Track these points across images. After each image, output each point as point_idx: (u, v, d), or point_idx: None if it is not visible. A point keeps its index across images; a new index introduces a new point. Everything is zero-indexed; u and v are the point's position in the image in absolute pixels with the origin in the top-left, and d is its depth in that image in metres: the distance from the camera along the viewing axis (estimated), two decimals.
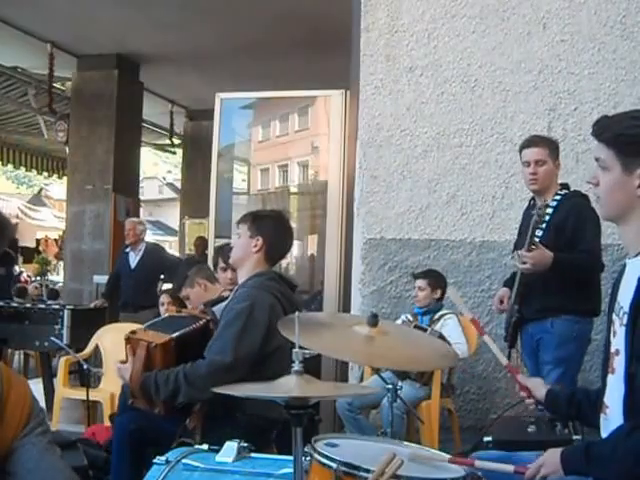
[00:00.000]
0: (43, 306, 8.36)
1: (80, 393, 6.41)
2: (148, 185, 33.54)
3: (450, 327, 5.51)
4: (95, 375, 6.67)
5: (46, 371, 7.89)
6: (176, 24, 9.87)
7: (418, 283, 5.70)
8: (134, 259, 9.01)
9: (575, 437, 2.79)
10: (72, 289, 11.42)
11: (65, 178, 13.90)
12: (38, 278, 15.49)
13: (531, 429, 3.00)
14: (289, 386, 2.17)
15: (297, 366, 2.21)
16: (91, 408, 6.16)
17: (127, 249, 9.12)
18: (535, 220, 4.41)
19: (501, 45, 5.87)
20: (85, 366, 6.02)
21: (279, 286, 3.97)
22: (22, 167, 15.97)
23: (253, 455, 2.99)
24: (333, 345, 2.71)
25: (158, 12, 9.52)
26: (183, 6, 9.25)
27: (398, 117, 5.99)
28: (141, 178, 14.89)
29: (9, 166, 16.15)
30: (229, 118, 7.72)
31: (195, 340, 3.85)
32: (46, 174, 16.88)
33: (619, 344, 2.35)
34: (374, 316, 2.64)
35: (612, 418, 2.38)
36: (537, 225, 4.44)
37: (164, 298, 6.30)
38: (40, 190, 26.36)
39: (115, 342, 6.73)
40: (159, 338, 3.81)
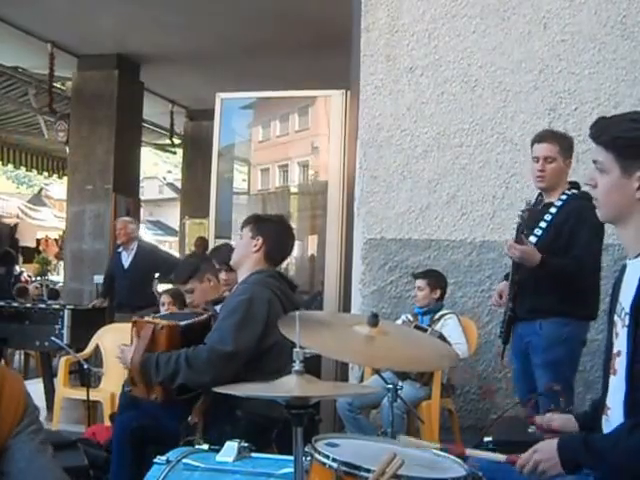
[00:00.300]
0: (43, 306, 8.36)
1: (80, 393, 6.41)
2: (148, 185, 33.54)
3: (450, 327, 5.50)
4: (95, 375, 6.67)
5: (46, 371, 7.89)
6: (176, 24, 9.87)
7: (418, 283, 5.70)
8: (127, 259, 8.90)
9: None
10: (72, 289, 11.42)
11: (65, 178, 13.90)
12: (38, 278, 15.49)
13: (531, 429, 3.00)
14: (290, 386, 2.17)
15: (298, 366, 2.20)
16: (91, 408, 6.16)
17: (119, 249, 9.01)
18: (518, 222, 4.37)
19: (501, 45, 5.87)
20: (85, 366, 6.02)
21: (279, 284, 4.00)
22: (22, 167, 15.97)
23: (253, 455, 3.00)
24: (333, 345, 2.71)
25: (158, 12, 9.52)
26: (183, 6, 9.25)
27: (398, 117, 5.99)
28: (141, 178, 14.89)
29: (9, 166, 16.14)
30: (229, 118, 7.72)
31: (198, 333, 3.90)
32: (46, 174, 16.88)
33: (621, 345, 2.34)
34: (374, 316, 2.64)
35: (613, 419, 2.37)
36: (520, 228, 4.37)
37: (165, 298, 6.29)
38: (40, 190, 26.34)
39: (115, 342, 6.71)
40: (165, 322, 3.90)
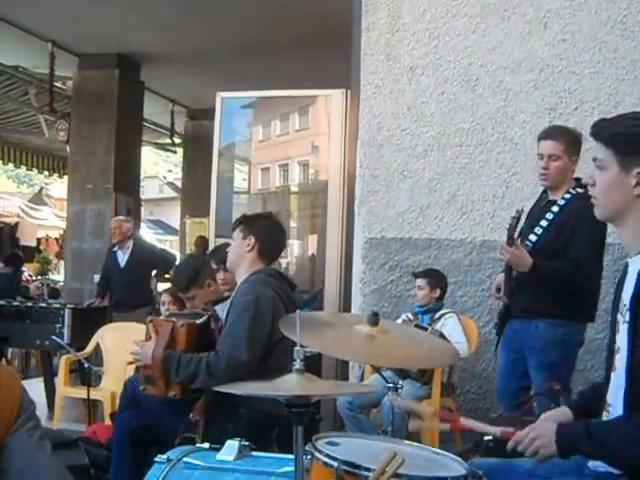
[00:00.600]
0: (44, 305, 8.35)
1: (81, 392, 6.42)
2: (149, 184, 33.49)
3: (450, 326, 5.51)
4: (96, 374, 6.67)
5: (47, 370, 7.90)
6: (177, 23, 9.87)
7: (418, 282, 5.71)
8: (123, 258, 8.86)
9: None
10: (73, 288, 11.41)
11: (66, 177, 13.89)
12: (39, 277, 15.48)
13: None
14: (290, 384, 2.17)
15: (298, 364, 2.21)
16: (92, 407, 6.17)
17: (114, 248, 8.98)
18: (510, 224, 4.29)
19: (502, 44, 5.87)
20: (86, 365, 6.02)
21: (279, 283, 4.03)
22: (23, 166, 15.95)
23: (254, 454, 3.01)
24: (334, 344, 2.71)
25: (159, 11, 9.52)
26: (184, 5, 9.25)
27: (399, 116, 5.99)
28: (142, 177, 14.87)
29: (10, 165, 16.11)
30: (230, 117, 7.72)
31: (202, 334, 3.95)
32: (47, 173, 16.86)
33: (621, 341, 2.35)
34: (375, 315, 2.64)
35: (614, 416, 2.37)
36: (511, 231, 4.28)
37: (165, 297, 6.30)
38: (41, 189, 26.35)
39: (116, 341, 6.76)
40: (183, 321, 3.96)
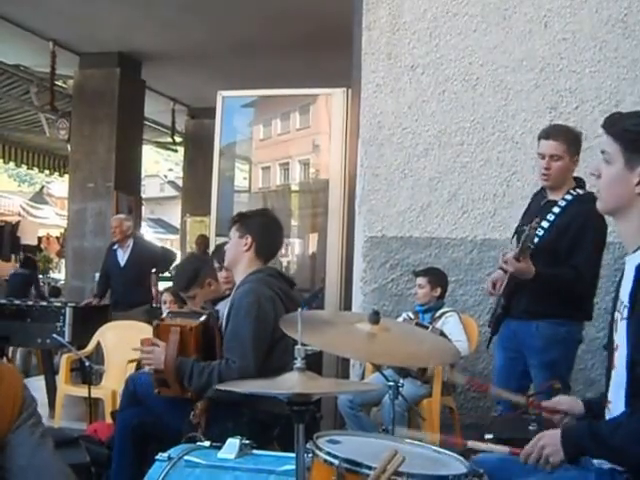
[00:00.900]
0: (45, 304, 8.36)
1: (82, 390, 6.44)
2: (149, 183, 33.46)
3: (451, 325, 5.51)
4: (97, 372, 6.68)
5: (48, 368, 7.90)
6: (178, 22, 9.87)
7: (418, 281, 5.71)
8: (123, 256, 8.86)
9: None
10: (74, 287, 11.42)
11: (67, 176, 13.90)
12: (40, 276, 15.48)
13: (532, 427, 3.01)
14: (291, 382, 2.18)
15: (299, 363, 2.21)
16: (93, 405, 6.17)
17: (114, 246, 8.97)
18: (527, 235, 4.20)
19: (502, 43, 5.87)
20: (87, 363, 6.04)
21: (278, 283, 4.03)
22: (24, 165, 15.94)
23: (255, 452, 3.01)
24: (335, 342, 2.72)
25: (160, 10, 9.53)
26: (185, 4, 9.25)
27: (399, 115, 5.99)
28: (143, 176, 14.88)
29: (11, 164, 16.11)
30: (230, 116, 7.72)
31: (207, 334, 3.95)
32: (48, 172, 16.85)
33: (620, 339, 2.36)
34: (376, 313, 2.65)
35: (615, 413, 2.38)
36: (527, 240, 4.22)
37: (166, 296, 6.30)
38: (42, 188, 26.37)
39: (117, 339, 6.77)
40: (188, 322, 3.93)
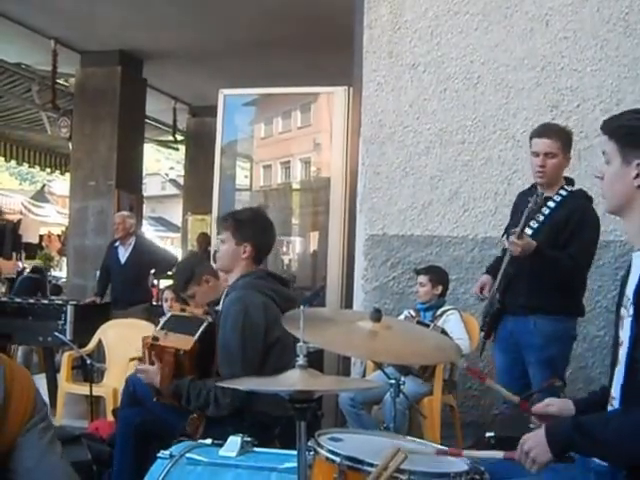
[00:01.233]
0: (46, 301, 8.36)
1: (83, 388, 6.45)
2: (151, 181, 33.44)
3: (452, 323, 5.51)
4: (98, 370, 6.69)
5: (49, 366, 7.90)
6: (179, 21, 9.87)
7: (420, 279, 5.71)
8: (124, 254, 8.83)
9: None
10: (75, 285, 11.42)
11: (68, 174, 13.89)
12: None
13: (533, 425, 3.01)
14: (293, 380, 2.18)
15: (301, 360, 2.21)
16: (94, 403, 6.19)
17: (116, 243, 8.94)
18: (531, 207, 4.31)
19: (504, 42, 5.87)
20: (88, 361, 6.05)
21: (268, 284, 3.97)
22: (25, 163, 15.93)
23: (256, 449, 3.01)
24: (336, 340, 2.72)
25: (161, 9, 9.52)
26: (186, 2, 9.25)
27: (401, 114, 6.00)
28: (144, 174, 14.86)
29: (12, 162, 16.10)
30: (232, 115, 7.73)
31: (206, 341, 3.90)
32: (49, 170, 16.83)
33: (624, 335, 2.36)
34: (377, 311, 2.65)
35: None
36: (532, 214, 4.37)
37: (168, 294, 6.31)
38: (43, 186, 26.36)
39: (118, 337, 6.78)
40: (184, 343, 3.88)
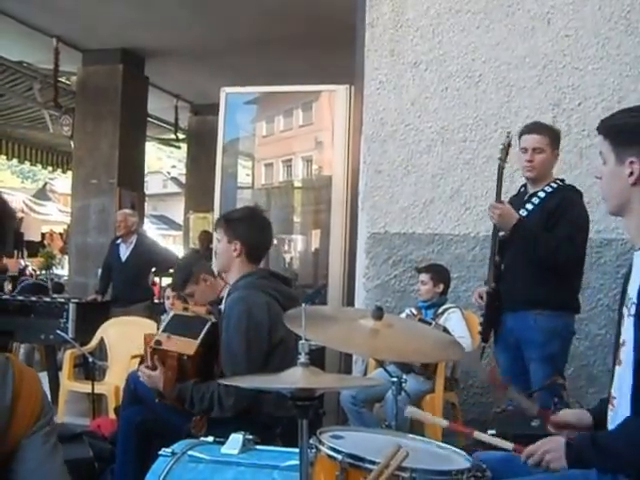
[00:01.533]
0: (48, 299, 8.37)
1: (85, 386, 6.46)
2: (152, 180, 33.42)
3: (454, 321, 5.52)
4: (100, 368, 6.70)
5: (51, 364, 7.91)
6: (181, 19, 9.88)
7: (421, 277, 5.71)
8: (125, 251, 8.81)
9: None
10: (77, 283, 11.43)
11: (70, 172, 13.90)
12: (43, 272, 15.50)
13: (535, 423, 3.02)
14: (295, 377, 2.18)
15: (303, 358, 2.21)
16: (96, 401, 6.20)
17: (118, 241, 8.92)
18: (500, 159, 4.57)
19: (505, 40, 5.88)
20: (90, 359, 6.05)
21: (271, 283, 3.96)
22: (27, 161, 15.94)
23: (258, 447, 3.02)
24: (338, 338, 2.73)
25: (163, 7, 9.53)
26: (188, 1, 9.25)
27: (402, 112, 6.00)
28: (145, 172, 14.87)
29: (14, 160, 16.13)
30: (234, 113, 7.73)
31: (210, 341, 3.89)
32: (51, 168, 16.86)
33: (626, 335, 2.36)
34: (379, 309, 2.66)
35: (620, 410, 2.38)
36: (501, 170, 4.57)
37: (169, 292, 6.31)
38: (45, 184, 26.34)
39: (120, 335, 6.79)
40: (187, 347, 3.86)
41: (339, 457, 2.26)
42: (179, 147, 18.34)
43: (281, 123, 9.13)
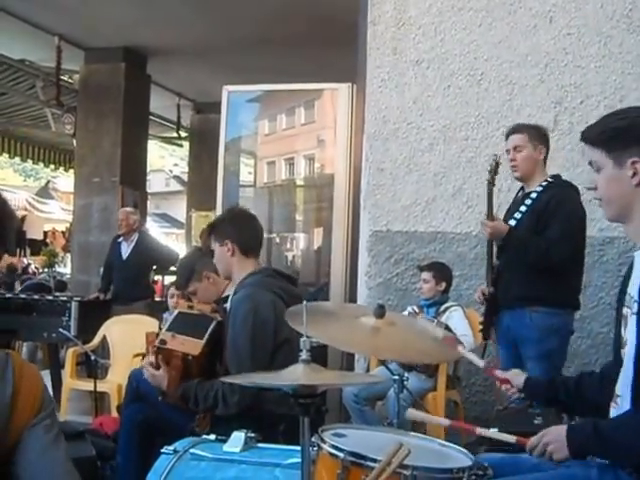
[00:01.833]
0: (51, 298, 8.37)
1: (87, 384, 6.45)
2: (155, 178, 33.42)
3: (456, 319, 5.51)
4: (102, 366, 6.70)
5: (54, 362, 7.92)
6: (183, 17, 9.87)
7: (423, 275, 5.71)
8: (126, 249, 8.83)
9: None
10: (79, 281, 11.44)
11: (72, 171, 13.91)
12: (46, 270, 15.51)
13: (537, 421, 3.02)
14: (296, 375, 2.17)
15: (304, 355, 2.20)
16: (98, 399, 6.20)
17: (119, 239, 8.94)
18: (488, 181, 4.61)
19: (507, 38, 5.88)
20: (93, 357, 6.05)
21: (277, 282, 3.96)
22: (29, 160, 15.95)
23: (260, 445, 3.02)
24: (340, 336, 2.72)
25: (165, 5, 9.53)
26: None
27: (404, 110, 6.00)
28: (148, 171, 14.87)
29: (16, 159, 16.15)
30: (236, 111, 7.72)
31: (215, 339, 3.90)
32: (53, 167, 16.87)
33: (629, 334, 2.35)
34: (381, 307, 2.65)
35: (623, 407, 2.37)
36: (491, 189, 4.59)
37: (174, 290, 6.31)
38: (47, 183, 26.34)
39: (123, 334, 6.79)
40: (192, 347, 3.85)
41: (341, 455, 2.26)
42: (181, 145, 18.34)
43: (283, 121, 9.11)
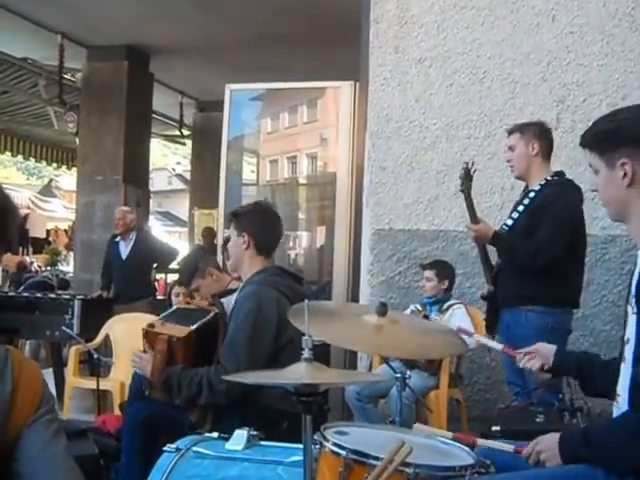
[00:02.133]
0: (53, 296, 8.37)
1: (90, 382, 6.47)
2: (157, 176, 33.48)
3: (458, 317, 5.52)
4: (105, 365, 6.69)
5: (57, 361, 7.92)
6: (186, 15, 9.87)
7: (426, 274, 5.72)
8: (125, 249, 8.78)
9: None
10: (82, 279, 11.46)
11: (75, 169, 13.92)
12: (48, 268, 15.52)
13: (539, 419, 3.03)
14: (299, 373, 2.18)
15: (307, 353, 2.21)
16: (101, 397, 6.20)
17: (117, 238, 8.88)
18: (460, 190, 4.57)
19: (510, 37, 5.87)
20: (95, 356, 6.06)
21: (284, 280, 3.96)
22: (32, 158, 15.96)
23: (262, 443, 3.02)
24: (342, 334, 2.73)
25: (168, 3, 9.53)
26: None
27: (407, 108, 6.00)
28: (150, 169, 14.88)
29: (19, 157, 16.14)
30: (238, 109, 7.73)
31: (209, 332, 3.88)
32: (56, 165, 16.88)
33: (630, 332, 2.36)
34: (383, 305, 2.66)
35: (623, 408, 2.38)
36: (468, 197, 4.55)
37: (178, 289, 6.33)
38: (50, 181, 26.36)
39: (125, 332, 6.79)
40: (179, 331, 3.84)
41: (343, 453, 2.27)
42: (184, 144, 18.35)
43: (286, 120, 9.13)
